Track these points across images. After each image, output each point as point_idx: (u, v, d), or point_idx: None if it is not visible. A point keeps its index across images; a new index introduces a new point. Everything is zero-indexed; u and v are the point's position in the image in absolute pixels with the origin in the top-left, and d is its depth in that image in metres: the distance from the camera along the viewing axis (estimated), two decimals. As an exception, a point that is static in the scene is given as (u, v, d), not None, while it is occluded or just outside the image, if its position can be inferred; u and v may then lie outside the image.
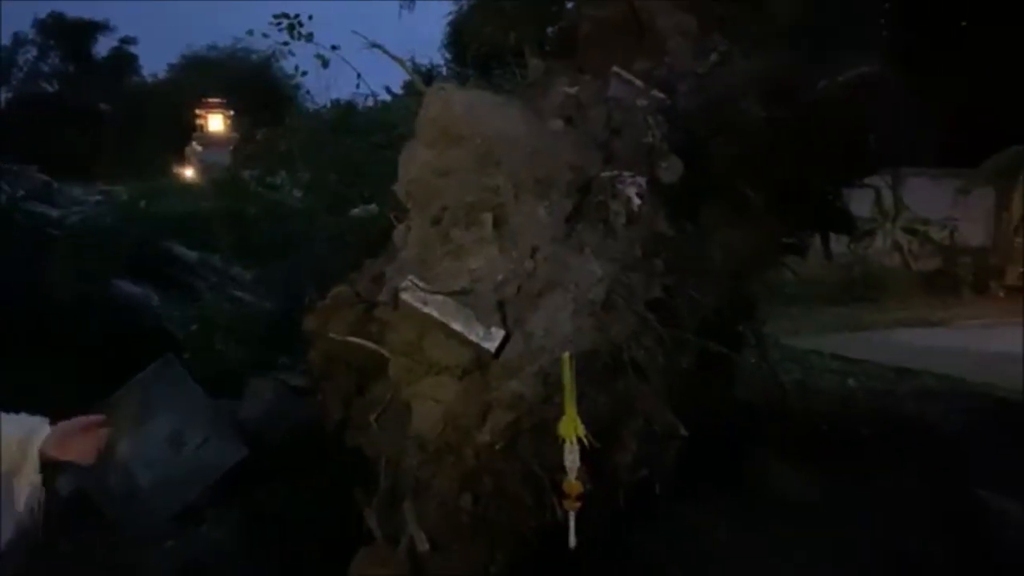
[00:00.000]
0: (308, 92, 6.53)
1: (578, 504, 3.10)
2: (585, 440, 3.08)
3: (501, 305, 3.13)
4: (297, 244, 5.91)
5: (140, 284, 7.49)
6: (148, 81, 32.38)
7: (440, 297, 3.07)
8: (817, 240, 6.68)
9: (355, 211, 4.50)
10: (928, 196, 16.57)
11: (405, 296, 3.07)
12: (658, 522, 4.63)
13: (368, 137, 5.83)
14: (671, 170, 3.70)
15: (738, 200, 4.71)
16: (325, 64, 5.84)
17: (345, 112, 6.68)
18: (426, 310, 3.07)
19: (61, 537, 4.08)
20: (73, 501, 4.36)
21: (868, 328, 11.61)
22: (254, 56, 30.66)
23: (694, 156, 4.00)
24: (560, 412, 3.11)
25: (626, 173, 3.47)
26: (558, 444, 3.19)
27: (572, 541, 3.11)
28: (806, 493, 5.35)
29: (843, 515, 4.98)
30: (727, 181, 4.51)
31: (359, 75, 5.99)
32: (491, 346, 3.06)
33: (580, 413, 3.11)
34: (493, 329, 3.08)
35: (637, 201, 3.45)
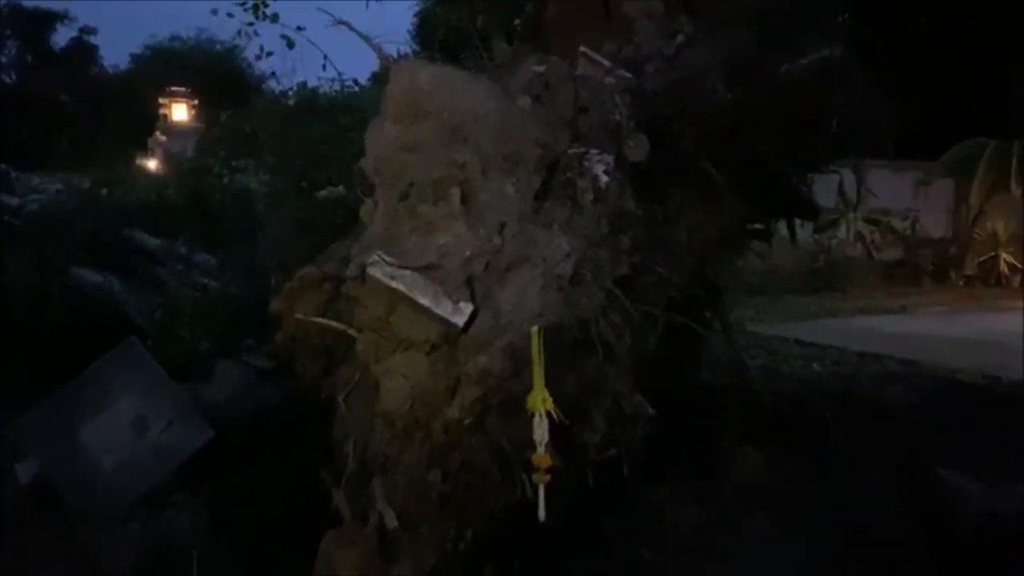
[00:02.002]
0: (273, 73, 6.45)
1: (547, 477, 3.12)
2: (554, 413, 3.09)
3: (469, 280, 3.12)
4: (263, 228, 5.83)
5: (101, 273, 7.36)
6: (110, 72, 31.77)
7: (408, 272, 3.06)
8: (782, 229, 6.80)
9: (322, 193, 4.47)
10: (889, 187, 16.86)
11: (372, 271, 3.05)
12: (627, 505, 4.69)
13: (335, 119, 5.77)
14: (638, 148, 3.72)
15: (704, 182, 4.76)
16: (290, 45, 5.78)
17: (310, 96, 6.60)
18: (394, 285, 3.05)
19: (21, 524, 4.01)
20: (34, 488, 4.29)
21: (832, 316, 11.80)
22: (218, 47, 30.24)
23: (661, 136, 4.02)
24: (528, 387, 3.12)
25: (593, 151, 3.48)
26: (527, 420, 3.20)
27: (542, 514, 3.12)
28: (771, 475, 5.43)
29: (807, 496, 5.06)
30: (693, 162, 4.55)
31: (325, 56, 5.94)
32: (459, 321, 3.05)
33: (548, 391, 3.12)
34: (461, 304, 3.07)
35: (604, 179, 3.47)
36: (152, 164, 16.62)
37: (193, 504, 3.92)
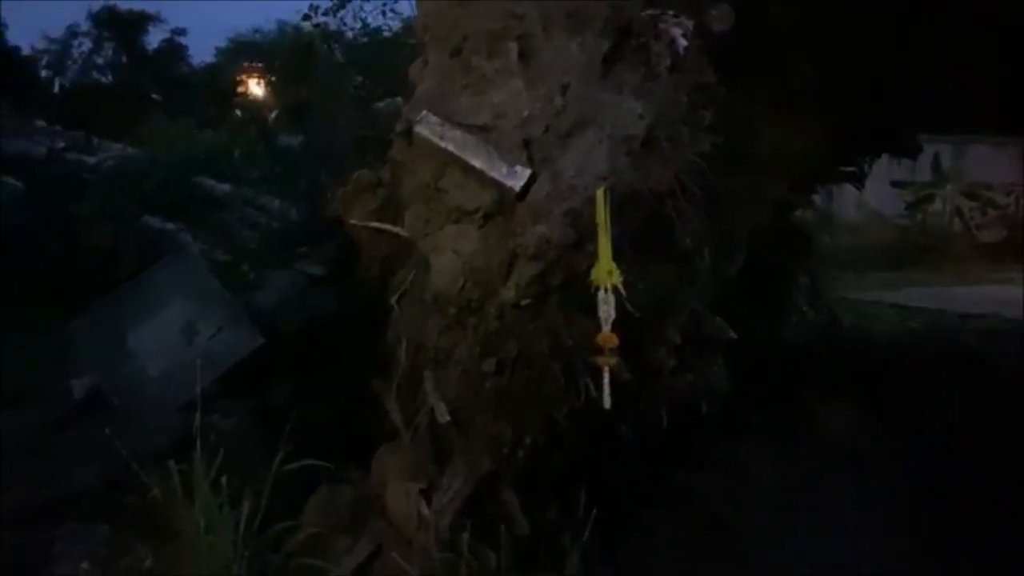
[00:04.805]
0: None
1: (613, 360, 2.77)
2: (621, 289, 2.75)
3: (527, 143, 2.80)
4: (320, 146, 5.65)
5: (171, 220, 7.41)
6: (197, 68, 32.74)
7: (458, 132, 2.76)
8: (872, 201, 6.27)
9: (379, 105, 4.24)
10: (991, 163, 15.81)
11: (420, 129, 2.76)
12: (706, 460, 4.29)
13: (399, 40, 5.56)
14: (722, 18, 3.32)
15: (793, 88, 4.33)
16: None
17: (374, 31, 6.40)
18: (443, 145, 2.76)
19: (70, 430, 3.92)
20: (88, 400, 4.20)
21: (929, 286, 10.97)
22: (304, 41, 30.82)
23: (745, 24, 3.62)
24: (592, 261, 2.78)
25: (670, 12, 3.11)
26: (591, 311, 2.86)
27: (607, 401, 2.78)
28: (860, 430, 5.02)
29: (898, 451, 4.62)
30: (782, 59, 4.13)
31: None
32: (515, 184, 2.74)
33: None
34: (518, 167, 2.76)
35: (683, 43, 3.09)
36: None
37: (240, 410, 3.73)
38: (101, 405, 3.83)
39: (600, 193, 2.68)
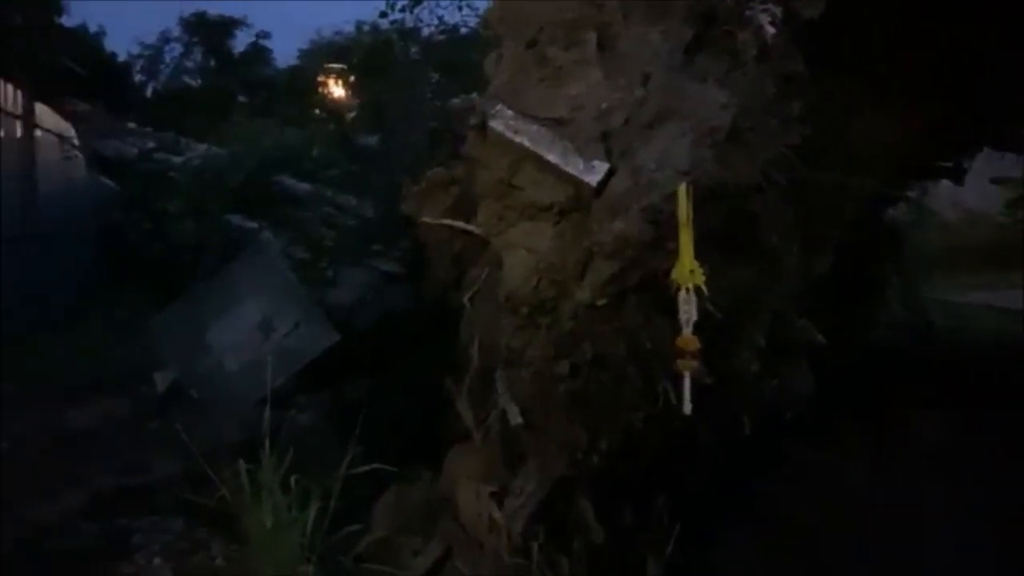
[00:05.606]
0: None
1: (694, 363, 2.63)
2: (704, 289, 2.61)
3: (605, 136, 2.69)
4: (395, 142, 5.66)
5: (253, 218, 7.59)
6: (281, 70, 33.68)
7: (534, 125, 2.67)
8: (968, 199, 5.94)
9: (455, 101, 4.20)
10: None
11: (493, 123, 2.68)
12: (791, 465, 4.18)
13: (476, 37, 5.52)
14: (812, 3, 3.13)
15: (883, 76, 4.09)
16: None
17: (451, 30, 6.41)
18: (518, 139, 2.68)
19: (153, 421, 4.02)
20: (169, 392, 4.30)
21: (1030, 289, 10.32)
22: (381, 39, 31.34)
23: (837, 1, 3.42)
24: (673, 260, 2.65)
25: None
26: (671, 314, 2.73)
27: (687, 408, 2.64)
28: (952, 438, 4.73)
29: (993, 459, 4.31)
30: (871, 47, 3.91)
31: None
32: (592, 179, 2.63)
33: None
34: (595, 162, 2.65)
35: (771, 31, 2.93)
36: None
37: (316, 406, 3.75)
38: (181, 398, 3.91)
39: (682, 188, 2.55)
